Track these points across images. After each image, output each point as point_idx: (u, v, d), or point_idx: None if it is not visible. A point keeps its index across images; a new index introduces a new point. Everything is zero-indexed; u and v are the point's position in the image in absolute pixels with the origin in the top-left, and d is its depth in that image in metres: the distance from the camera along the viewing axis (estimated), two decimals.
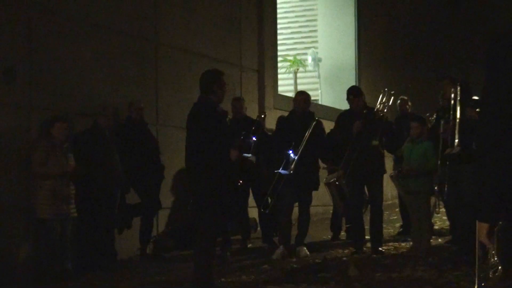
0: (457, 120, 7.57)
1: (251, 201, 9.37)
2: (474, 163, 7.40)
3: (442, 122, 7.84)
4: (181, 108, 8.77)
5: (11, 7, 7.57)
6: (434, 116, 8.80)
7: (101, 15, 8.72)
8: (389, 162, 9.24)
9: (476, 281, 4.46)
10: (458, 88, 7.67)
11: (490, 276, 2.80)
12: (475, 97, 8.37)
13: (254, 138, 8.64)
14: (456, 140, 7.56)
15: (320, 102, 14.47)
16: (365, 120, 8.15)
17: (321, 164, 8.98)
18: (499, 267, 2.72)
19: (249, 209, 9.39)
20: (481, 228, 2.71)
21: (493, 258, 2.77)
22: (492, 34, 2.78)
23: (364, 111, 8.26)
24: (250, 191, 9.22)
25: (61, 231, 7.38)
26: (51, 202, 7.28)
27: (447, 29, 18.58)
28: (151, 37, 9.57)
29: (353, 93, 8.48)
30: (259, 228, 9.78)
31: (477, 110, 7.65)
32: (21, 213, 7.48)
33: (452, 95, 7.74)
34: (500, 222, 2.69)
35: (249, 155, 8.57)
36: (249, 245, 9.13)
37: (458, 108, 7.63)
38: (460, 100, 7.65)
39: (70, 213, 7.45)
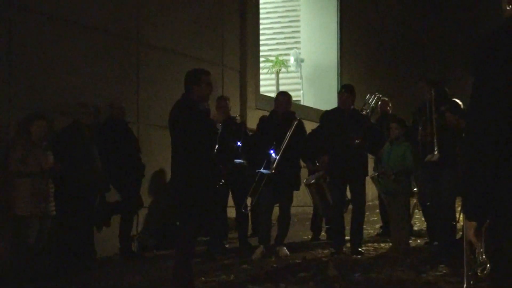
0: (434, 125, 7.63)
1: (230, 201, 9.35)
2: (452, 166, 7.54)
3: (420, 128, 7.87)
4: (162, 107, 8.76)
5: None
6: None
7: (82, 14, 8.68)
8: (369, 163, 9.28)
9: (465, 280, 4.48)
10: (433, 92, 7.72)
11: (479, 274, 2.82)
12: (456, 100, 8.43)
13: (239, 143, 8.63)
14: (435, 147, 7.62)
15: (302, 103, 14.50)
16: (350, 123, 8.18)
17: (302, 164, 9.00)
18: (488, 265, 2.74)
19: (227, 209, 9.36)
20: (469, 227, 2.73)
21: (481, 256, 2.79)
22: (478, 37, 2.82)
23: (351, 107, 8.32)
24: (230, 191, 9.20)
25: (39, 229, 7.35)
26: (30, 200, 7.24)
27: (429, 30, 18.69)
28: (133, 36, 9.55)
29: (346, 88, 8.50)
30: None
31: (448, 111, 7.71)
32: None
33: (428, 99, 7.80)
34: (488, 221, 2.71)
35: (240, 160, 8.56)
36: (227, 245, 9.13)
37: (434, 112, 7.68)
38: (435, 103, 7.70)
39: (49, 211, 7.42)
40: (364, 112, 8.37)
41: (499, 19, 2.89)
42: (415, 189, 8.56)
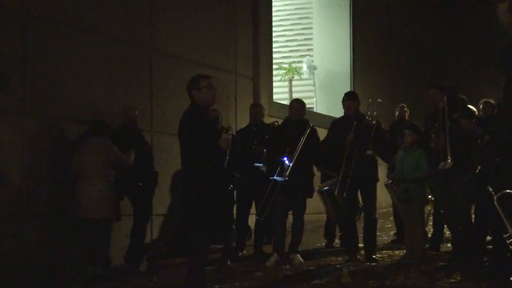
0: (447, 132, 7.60)
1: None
2: (466, 174, 7.51)
3: (433, 135, 7.84)
4: (176, 115, 8.71)
5: (5, 13, 7.56)
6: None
7: (95, 21, 8.71)
8: (383, 170, 9.25)
9: None
10: (445, 99, 7.69)
11: None
12: (470, 106, 8.38)
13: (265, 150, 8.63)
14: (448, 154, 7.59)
15: (315, 110, 14.50)
16: (357, 131, 8.14)
17: (316, 172, 8.96)
18: None
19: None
20: None
21: None
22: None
23: (355, 123, 8.23)
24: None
25: (98, 233, 7.73)
26: (93, 203, 7.64)
27: (441, 37, 18.64)
28: (146, 43, 9.57)
29: (348, 96, 8.48)
30: (253, 236, 9.75)
31: (462, 117, 7.69)
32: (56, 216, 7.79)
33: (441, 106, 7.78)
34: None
35: (260, 164, 8.55)
36: (240, 253, 9.11)
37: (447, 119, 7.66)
38: (448, 110, 7.67)
39: (111, 214, 7.82)
40: (373, 122, 8.30)
41: None
42: (430, 196, 8.52)
